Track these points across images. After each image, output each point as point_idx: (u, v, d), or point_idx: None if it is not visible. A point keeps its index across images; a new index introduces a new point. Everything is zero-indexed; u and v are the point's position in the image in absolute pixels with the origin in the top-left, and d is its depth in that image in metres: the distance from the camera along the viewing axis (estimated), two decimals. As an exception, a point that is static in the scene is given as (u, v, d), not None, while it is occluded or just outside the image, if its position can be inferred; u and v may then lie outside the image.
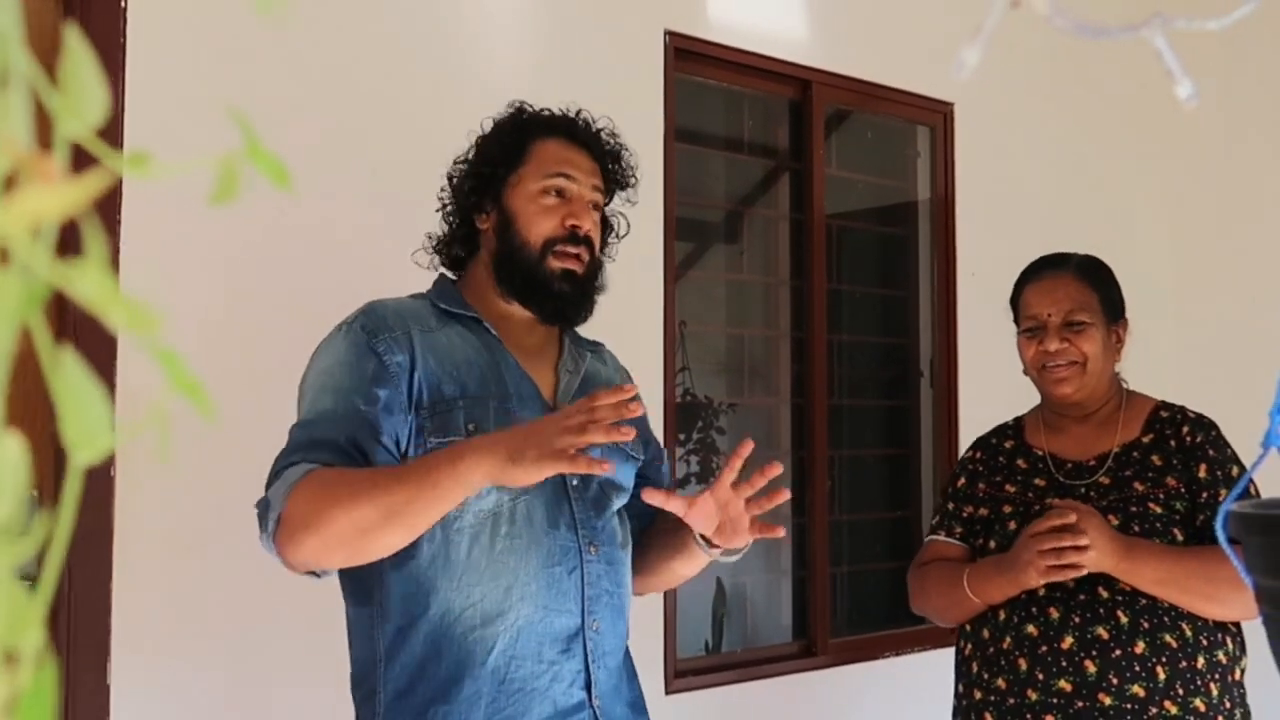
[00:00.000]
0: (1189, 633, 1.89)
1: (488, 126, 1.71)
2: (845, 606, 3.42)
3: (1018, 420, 2.18)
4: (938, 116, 3.50)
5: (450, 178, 1.71)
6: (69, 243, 0.32)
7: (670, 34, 2.88)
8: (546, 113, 1.70)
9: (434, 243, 1.71)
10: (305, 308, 1.98)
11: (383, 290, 1.66)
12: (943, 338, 3.49)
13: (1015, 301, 2.10)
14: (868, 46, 3.30)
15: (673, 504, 1.52)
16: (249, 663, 2.19)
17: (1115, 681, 1.87)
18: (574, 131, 1.67)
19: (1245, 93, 4.00)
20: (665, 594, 2.80)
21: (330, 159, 2.32)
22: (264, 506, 1.45)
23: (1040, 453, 2.07)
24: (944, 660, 2.24)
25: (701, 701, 2.87)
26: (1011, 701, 1.95)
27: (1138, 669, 1.88)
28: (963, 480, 2.14)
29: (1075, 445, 2.06)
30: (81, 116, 0.26)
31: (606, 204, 1.72)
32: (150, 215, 2.08)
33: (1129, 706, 1.86)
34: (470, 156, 1.69)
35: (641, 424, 1.67)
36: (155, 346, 0.28)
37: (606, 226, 1.74)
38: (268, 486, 1.46)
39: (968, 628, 2.05)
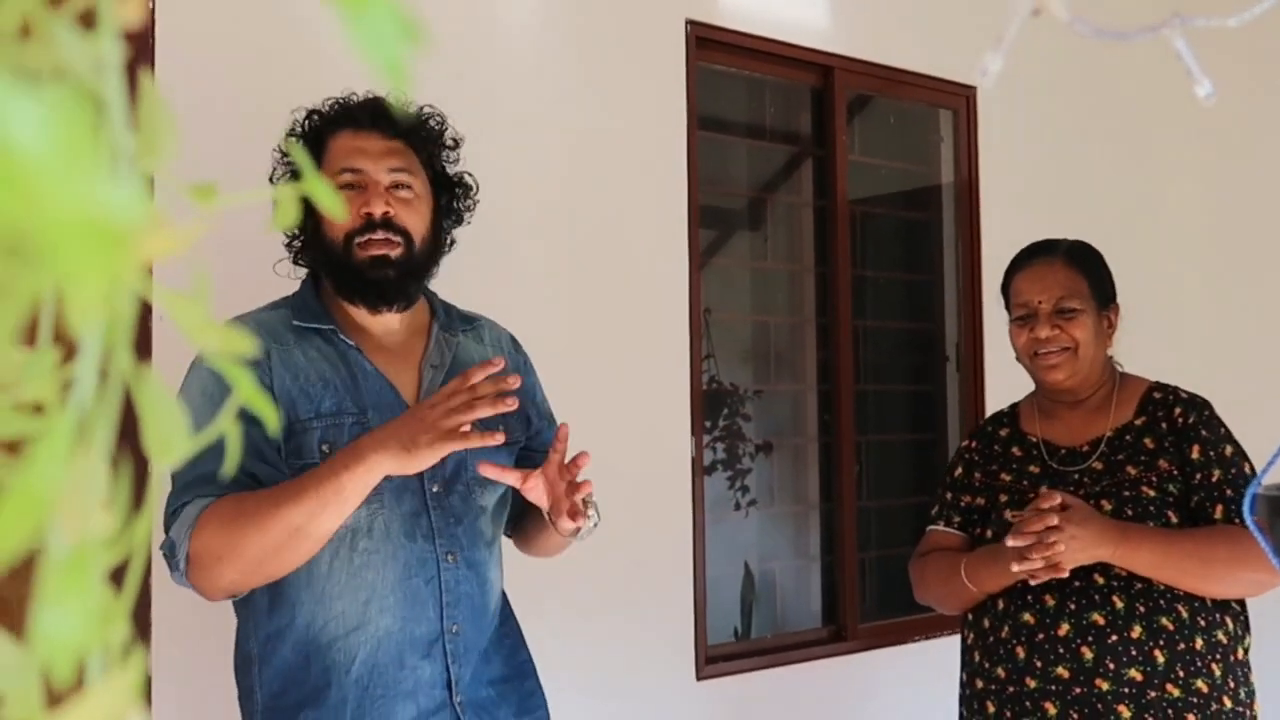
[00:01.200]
0: (1185, 615, 1.89)
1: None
2: (874, 591, 3.42)
3: (1013, 408, 2.19)
4: (960, 100, 3.49)
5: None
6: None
7: (691, 23, 2.89)
8: (334, 106, 1.69)
9: (290, 252, 1.73)
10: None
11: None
12: (968, 322, 3.49)
13: (1006, 289, 2.11)
14: (889, 31, 3.30)
15: (508, 477, 1.58)
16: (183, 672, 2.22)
17: (1112, 666, 1.88)
18: (359, 119, 1.66)
19: (1277, 73, 3.97)
20: (695, 583, 2.82)
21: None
22: (169, 547, 1.50)
23: (1034, 440, 2.08)
24: (974, 643, 2.24)
25: (732, 687, 2.88)
26: (1011, 690, 1.96)
27: (1134, 653, 1.88)
28: (960, 470, 2.15)
29: (1068, 431, 2.06)
30: (156, 154, 0.27)
31: (444, 171, 1.72)
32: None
33: (1127, 691, 1.87)
34: (276, 172, 1.72)
35: (522, 397, 1.64)
36: (233, 367, 0.29)
37: (454, 190, 1.74)
38: (166, 528, 1.51)
39: (969, 617, 2.07)
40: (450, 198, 1.73)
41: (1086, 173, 3.72)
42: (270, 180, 1.72)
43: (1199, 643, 1.89)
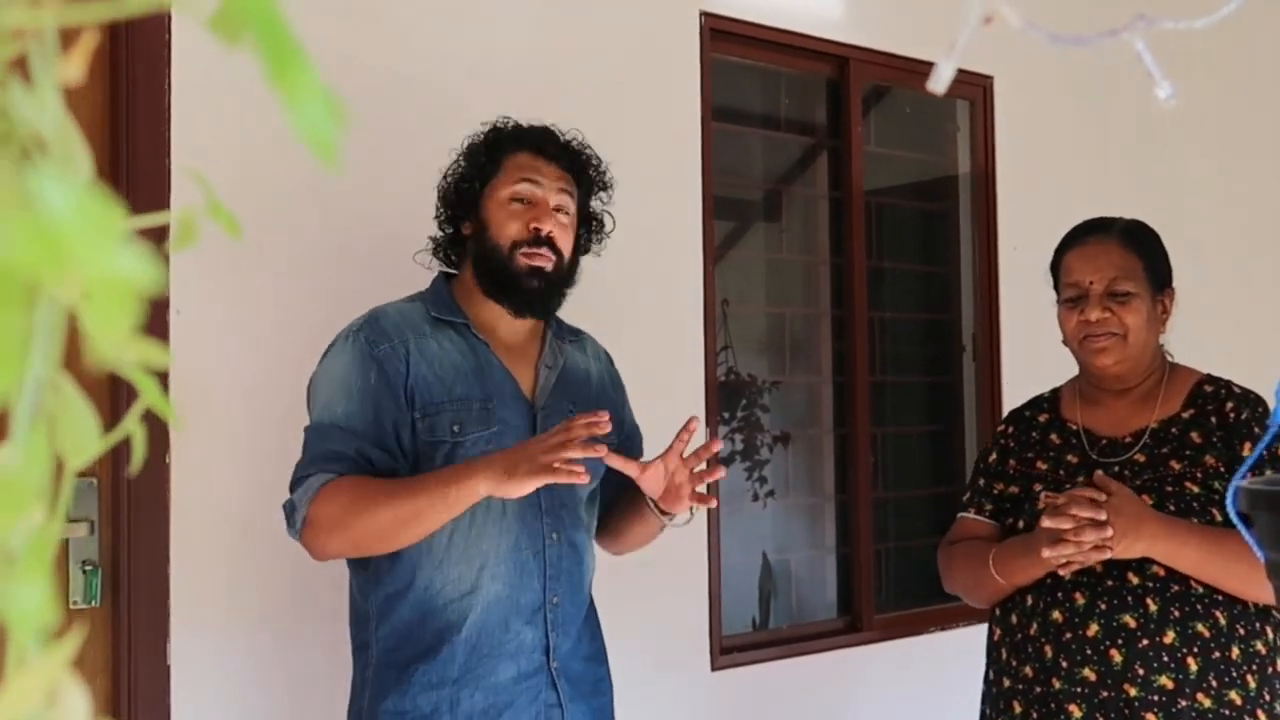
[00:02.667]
0: (1223, 621, 1.81)
1: (475, 137, 1.92)
2: (891, 582, 3.43)
3: (1054, 392, 2.10)
4: (977, 90, 3.48)
5: (439, 189, 1.92)
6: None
7: (705, 15, 2.89)
8: (518, 128, 1.90)
9: (433, 246, 1.94)
10: (346, 313, 2.04)
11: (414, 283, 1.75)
12: (985, 312, 3.48)
13: (1055, 268, 2.01)
14: (904, 22, 3.29)
15: (629, 467, 1.76)
16: (300, 637, 2.24)
17: (1142, 672, 1.79)
18: (541, 143, 1.88)
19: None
20: (710, 574, 2.83)
21: (378, 152, 2.36)
22: (290, 508, 1.74)
23: (1074, 427, 1.99)
24: (987, 634, 2.24)
25: (748, 677, 2.89)
26: (1038, 690, 1.88)
27: (1166, 659, 1.80)
28: (994, 456, 2.06)
29: (1111, 420, 1.97)
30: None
31: (590, 206, 1.95)
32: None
33: (1156, 698, 1.78)
34: (453, 171, 1.92)
35: (614, 409, 1.89)
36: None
37: (591, 224, 1.96)
38: (291, 489, 1.73)
39: (997, 612, 1.99)
40: (588, 231, 1.95)
41: (1104, 162, 3.70)
42: (445, 177, 1.91)
43: (1235, 652, 1.80)
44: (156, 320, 2.10)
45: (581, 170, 1.91)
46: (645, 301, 2.77)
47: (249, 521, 2.18)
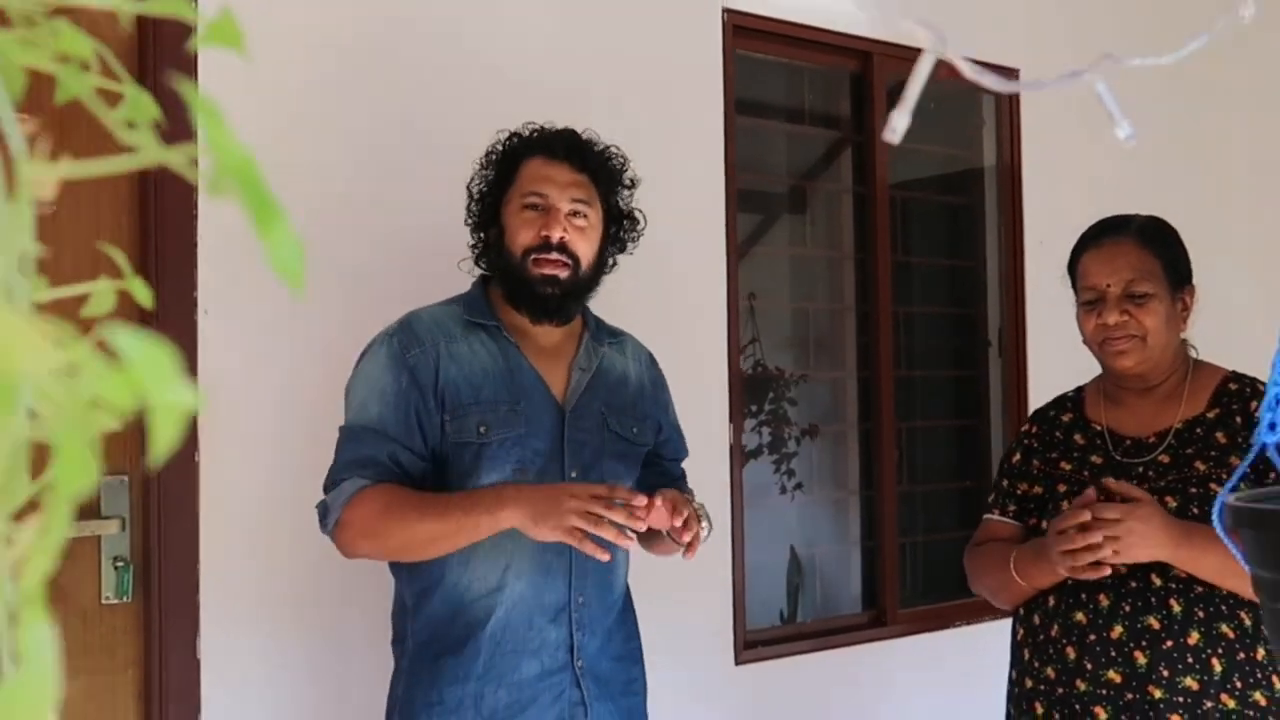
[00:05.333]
0: (1248, 622, 1.78)
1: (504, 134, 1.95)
2: (917, 577, 3.43)
3: (1078, 391, 2.08)
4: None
5: (467, 205, 1.96)
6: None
7: (728, 12, 2.89)
8: (533, 134, 1.91)
9: (474, 254, 1.97)
10: (369, 312, 2.07)
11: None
12: (1011, 307, 3.47)
13: (1073, 269, 1.98)
14: (929, 15, 3.27)
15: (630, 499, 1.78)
16: (328, 629, 2.27)
17: (1166, 674, 1.78)
18: (553, 148, 1.88)
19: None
20: (734, 568, 2.84)
21: (402, 155, 2.38)
22: (324, 510, 1.78)
23: (1098, 428, 1.97)
24: (1009, 630, 2.24)
25: (771, 671, 2.90)
26: (1060, 691, 1.87)
27: (1191, 661, 1.78)
28: (1018, 456, 2.04)
29: (1135, 420, 1.94)
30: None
31: (617, 205, 1.95)
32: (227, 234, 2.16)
33: (1181, 700, 1.77)
34: (476, 179, 1.96)
35: (655, 409, 2.01)
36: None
37: (622, 222, 1.97)
38: (325, 490, 1.78)
39: (1021, 612, 1.98)
40: (619, 229, 1.96)
41: (1130, 156, 3.68)
42: (468, 189, 1.95)
43: (1260, 653, 1.78)
44: (185, 321, 2.13)
45: (599, 170, 1.91)
46: (669, 295, 2.79)
47: (276, 518, 2.21)
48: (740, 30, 2.93)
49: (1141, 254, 1.90)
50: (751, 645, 2.89)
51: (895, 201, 3.32)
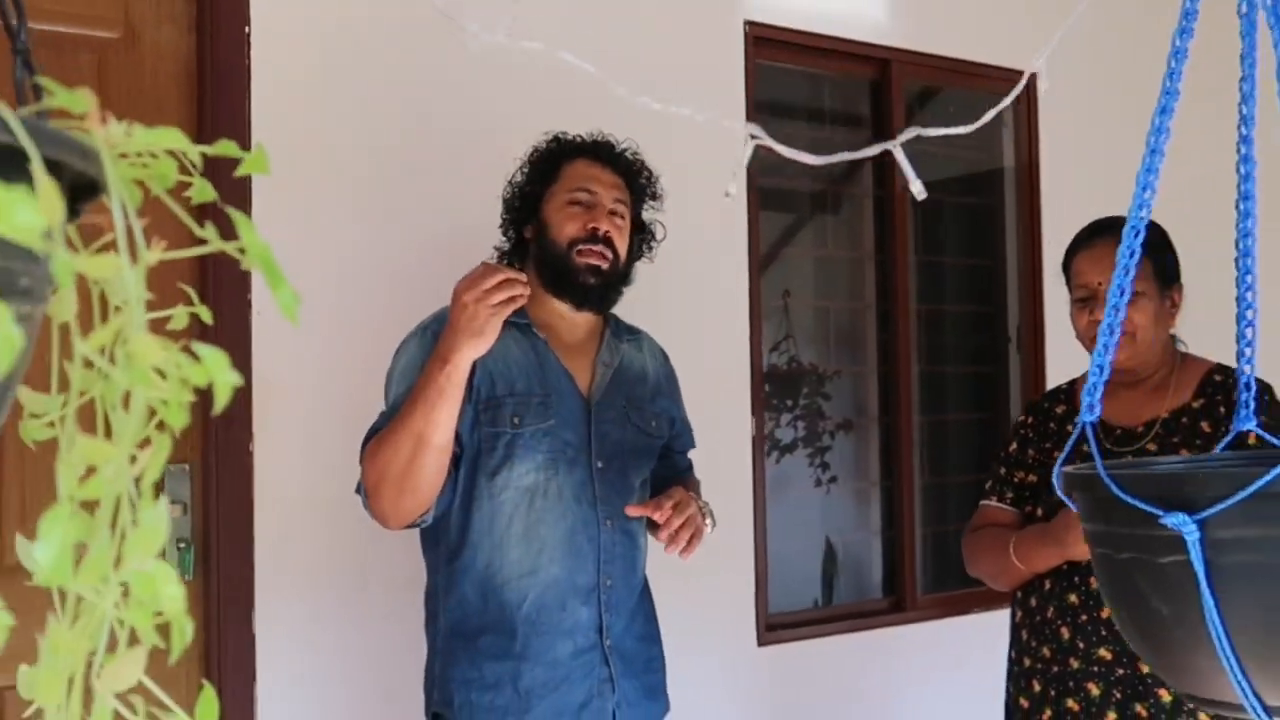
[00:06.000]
0: None
1: (533, 150, 2.07)
2: (938, 565, 3.54)
3: (1071, 384, 2.18)
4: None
5: (504, 197, 2.05)
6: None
7: (749, 24, 3.03)
8: (577, 138, 2.05)
9: (499, 255, 2.07)
10: (407, 311, 2.22)
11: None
12: (1029, 304, 3.57)
13: (1066, 269, 2.08)
14: (946, 22, 3.39)
15: (646, 510, 1.90)
16: (372, 606, 2.44)
17: None
18: (597, 152, 2.02)
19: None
20: (756, 555, 2.98)
21: (441, 159, 2.55)
22: (358, 487, 1.86)
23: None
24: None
25: (793, 653, 3.04)
26: (1056, 669, 1.98)
27: None
28: (1014, 445, 2.13)
29: (1125, 411, 2.03)
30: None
31: (639, 212, 2.06)
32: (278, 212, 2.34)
33: None
34: (516, 179, 2.06)
35: (669, 407, 2.11)
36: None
37: (645, 232, 2.09)
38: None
39: (1019, 595, 2.08)
40: (642, 238, 2.08)
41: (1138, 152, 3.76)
42: (509, 184, 2.06)
43: None
44: (240, 321, 2.31)
45: (634, 179, 2.05)
46: (695, 293, 2.93)
47: (323, 502, 2.38)
48: (761, 41, 3.06)
49: None
50: (773, 628, 3.03)
51: (916, 202, 3.44)
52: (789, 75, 3.32)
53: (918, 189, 0.60)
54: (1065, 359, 3.46)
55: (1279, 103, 1.06)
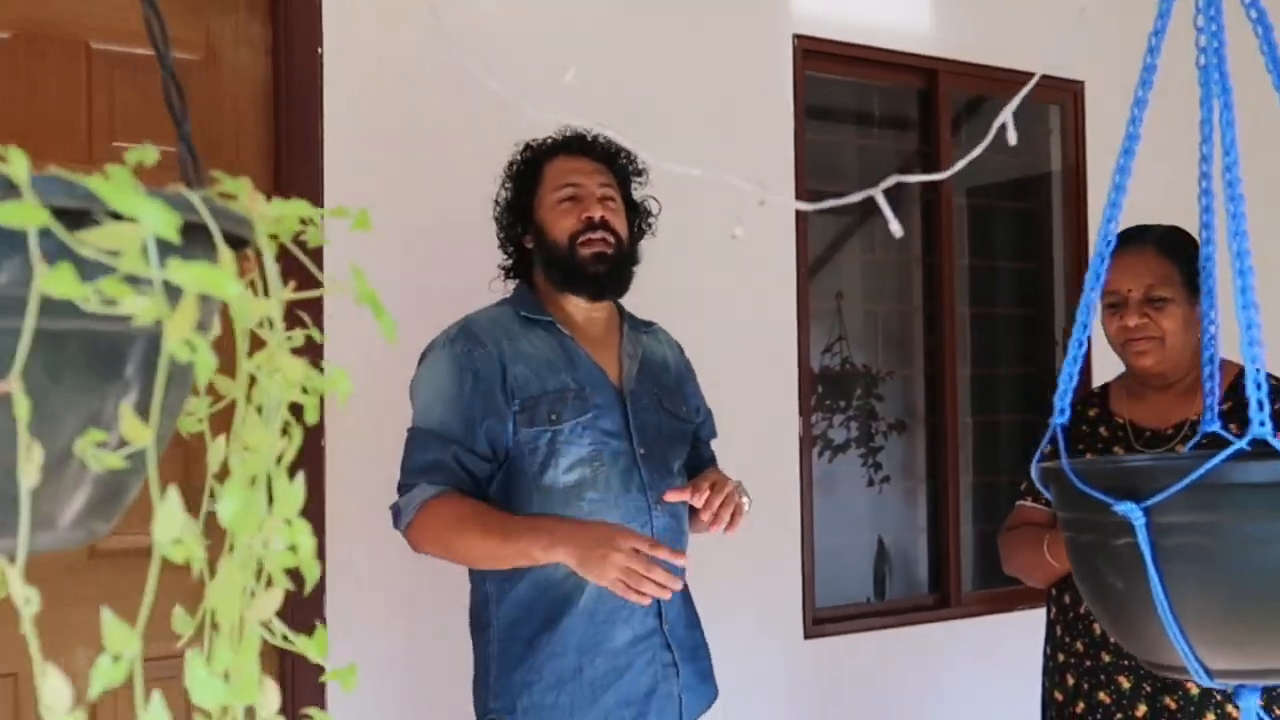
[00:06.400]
0: None
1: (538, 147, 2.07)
2: (986, 562, 3.61)
3: (1104, 388, 2.25)
4: (1068, 95, 3.63)
5: (495, 215, 2.07)
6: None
7: (799, 37, 3.13)
8: (549, 139, 2.05)
9: (504, 274, 2.10)
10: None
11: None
12: (1076, 307, 3.63)
13: (1097, 275, 2.18)
14: (992, 32, 3.46)
15: (684, 496, 1.93)
16: (436, 593, 2.58)
17: (1264, 703, 1.84)
18: (572, 146, 2.03)
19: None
20: (803, 550, 3.09)
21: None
22: (396, 511, 1.91)
23: (1121, 421, 2.12)
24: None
25: (839, 647, 3.14)
26: (1088, 663, 2.05)
27: None
28: (1049, 448, 2.20)
29: (1155, 413, 2.08)
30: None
31: (628, 193, 2.07)
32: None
33: None
34: (502, 195, 2.07)
35: (692, 395, 2.14)
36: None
37: (638, 209, 2.09)
38: (399, 492, 1.91)
39: (1053, 591, 2.14)
40: (637, 219, 2.08)
41: (1191, 162, 3.80)
42: (496, 202, 2.07)
43: None
44: (314, 322, 2.46)
45: (614, 161, 2.05)
46: (745, 299, 3.04)
47: (388, 497, 2.53)
48: (810, 54, 3.16)
49: (1160, 261, 2.05)
50: (820, 622, 3.13)
51: (961, 208, 3.52)
52: (838, 82, 3.42)
53: (895, 229, 0.69)
54: (1110, 361, 3.51)
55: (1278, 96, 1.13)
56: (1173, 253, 2.07)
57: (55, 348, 0.40)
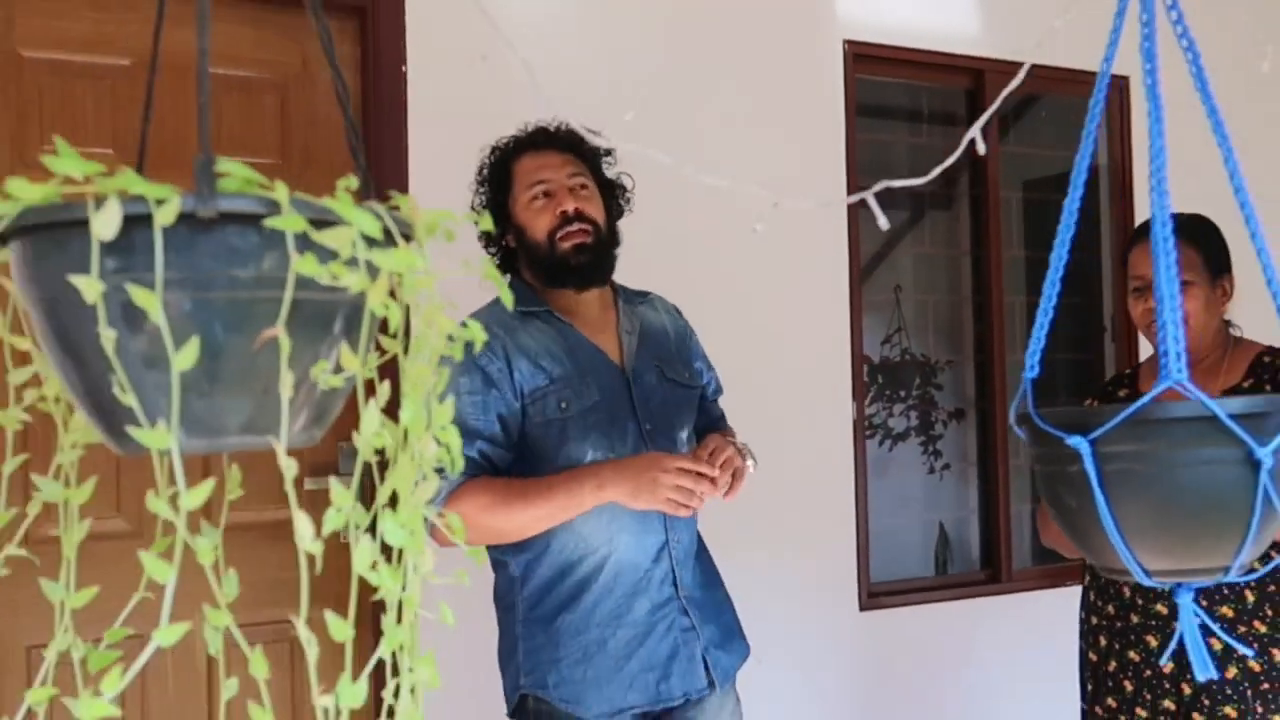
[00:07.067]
0: (1277, 558, 2.07)
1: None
2: (1038, 541, 3.77)
3: (1134, 369, 2.41)
4: (1113, 91, 3.77)
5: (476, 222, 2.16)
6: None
7: (849, 43, 3.31)
8: (512, 140, 2.08)
9: (504, 274, 2.09)
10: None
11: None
12: (1123, 296, 3.76)
13: (1124, 261, 2.28)
14: (1035, 35, 3.60)
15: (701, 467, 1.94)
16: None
17: (1205, 604, 2.09)
18: (536, 141, 2.06)
19: None
20: (858, 529, 3.27)
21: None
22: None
23: None
24: (1083, 573, 2.59)
25: (891, 618, 3.32)
26: (1119, 624, 2.20)
27: (1226, 593, 2.08)
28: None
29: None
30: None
31: (600, 174, 2.09)
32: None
33: (1220, 625, 2.08)
34: (477, 202, 2.10)
35: (694, 357, 2.16)
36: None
37: (614, 188, 2.12)
38: None
39: (1087, 560, 2.18)
40: (613, 199, 2.10)
41: (1241, 155, 3.92)
42: (472, 208, 2.08)
43: None
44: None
45: (579, 148, 2.06)
46: (800, 291, 3.23)
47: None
48: (860, 57, 3.34)
49: (1184, 247, 2.06)
50: (875, 595, 3.31)
51: (1009, 202, 3.67)
52: (889, 83, 3.59)
53: (882, 223, 0.87)
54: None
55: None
56: (1195, 238, 2.19)
57: (298, 309, 0.62)
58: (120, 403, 0.60)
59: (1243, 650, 2.09)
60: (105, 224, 0.57)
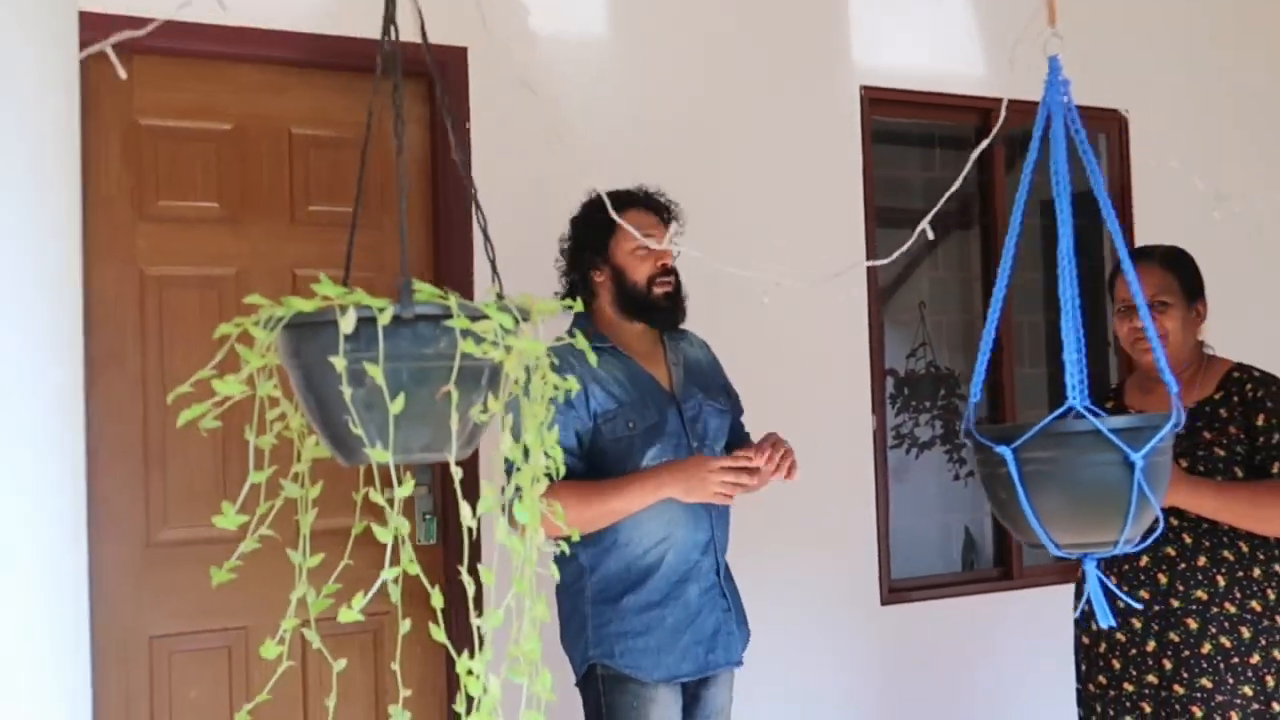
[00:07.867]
0: (1246, 549, 2.33)
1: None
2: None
3: (1120, 384, 2.69)
4: (1113, 124, 4.07)
5: (567, 249, 2.49)
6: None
7: (865, 89, 3.64)
8: (624, 192, 2.42)
9: (561, 297, 2.46)
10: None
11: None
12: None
13: (1111, 286, 2.56)
14: (1042, 72, 3.91)
15: (745, 459, 2.32)
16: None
17: (1181, 588, 2.36)
18: (644, 203, 2.46)
19: None
20: (879, 529, 3.59)
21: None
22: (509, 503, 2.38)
23: (1133, 411, 2.51)
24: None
25: (910, 612, 3.64)
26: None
27: (1200, 578, 2.34)
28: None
29: (1158, 404, 2.40)
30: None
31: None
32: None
33: (1194, 607, 2.35)
34: (577, 234, 2.47)
35: (722, 385, 2.55)
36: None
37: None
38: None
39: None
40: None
41: (1224, 183, 4.20)
42: (570, 240, 2.46)
43: (1256, 571, 2.34)
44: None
45: (672, 216, 2.49)
46: (822, 308, 3.54)
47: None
48: (876, 102, 3.67)
49: (1163, 273, 2.45)
50: (895, 590, 3.63)
51: (1029, 227, 3.97)
52: (904, 123, 3.90)
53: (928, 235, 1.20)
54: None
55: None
56: (1173, 266, 2.48)
57: (461, 372, 0.97)
58: (351, 432, 0.95)
59: (1132, 604, 2.36)
60: (348, 323, 0.92)
